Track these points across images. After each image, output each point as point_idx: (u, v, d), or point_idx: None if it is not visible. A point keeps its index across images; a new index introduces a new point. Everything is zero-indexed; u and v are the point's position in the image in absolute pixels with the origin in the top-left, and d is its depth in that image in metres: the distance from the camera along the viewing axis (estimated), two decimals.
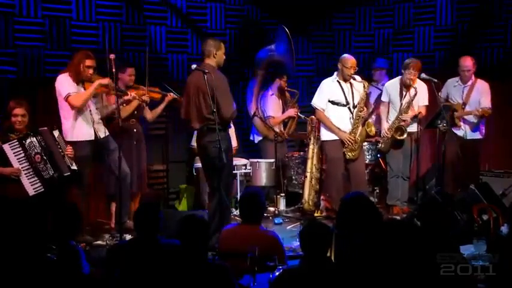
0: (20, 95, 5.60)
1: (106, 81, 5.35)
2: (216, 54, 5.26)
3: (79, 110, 5.38)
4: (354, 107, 6.24)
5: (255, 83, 7.36)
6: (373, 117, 7.03)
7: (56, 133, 5.19)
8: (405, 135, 6.38)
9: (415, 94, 6.30)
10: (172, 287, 3.26)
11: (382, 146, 6.57)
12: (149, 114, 6.27)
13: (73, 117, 5.37)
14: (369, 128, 6.30)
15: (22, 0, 6.09)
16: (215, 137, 4.99)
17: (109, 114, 5.74)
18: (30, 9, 6.15)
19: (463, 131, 6.51)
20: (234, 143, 7.30)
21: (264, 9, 7.92)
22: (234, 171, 6.75)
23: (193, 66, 5.18)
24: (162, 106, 6.21)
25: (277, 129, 7.11)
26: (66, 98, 5.31)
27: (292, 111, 7.19)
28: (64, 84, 5.34)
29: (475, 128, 6.52)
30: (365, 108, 6.32)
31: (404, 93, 6.43)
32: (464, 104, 6.49)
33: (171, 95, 6.13)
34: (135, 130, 6.03)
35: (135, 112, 6.04)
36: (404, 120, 6.39)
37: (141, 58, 6.90)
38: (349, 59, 6.18)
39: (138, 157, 6.08)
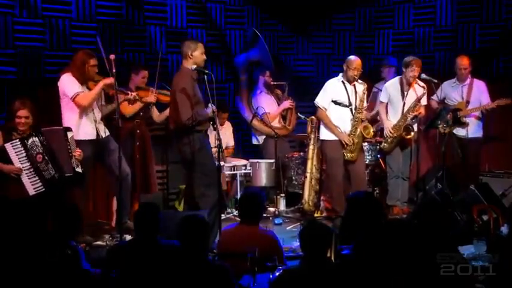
0: (20, 96, 5.60)
1: (110, 80, 5.33)
2: (191, 55, 5.27)
3: (84, 109, 5.38)
4: (356, 108, 6.24)
5: (242, 88, 7.38)
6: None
7: (69, 134, 5.20)
8: (412, 134, 6.38)
9: (424, 93, 6.31)
10: (172, 287, 3.26)
11: (386, 146, 6.55)
12: (157, 116, 6.24)
13: (78, 116, 5.37)
14: (366, 131, 6.27)
15: (22, 0, 6.09)
16: (189, 139, 5.20)
17: (108, 114, 5.74)
18: (31, 9, 6.15)
19: (465, 130, 6.52)
20: (231, 142, 7.31)
21: (264, 9, 7.92)
22: (233, 172, 6.79)
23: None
24: None
25: (277, 125, 7.10)
26: (74, 98, 5.30)
27: (286, 103, 7.19)
28: (69, 84, 5.33)
29: (476, 126, 6.54)
30: (364, 111, 6.31)
31: (406, 92, 6.43)
32: (468, 102, 6.51)
33: None
34: (138, 131, 6.00)
35: (141, 113, 6.02)
36: (414, 116, 6.38)
37: (141, 58, 6.91)
38: (354, 61, 6.15)
39: (144, 158, 6.03)
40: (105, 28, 6.66)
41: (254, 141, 7.40)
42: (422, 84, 6.36)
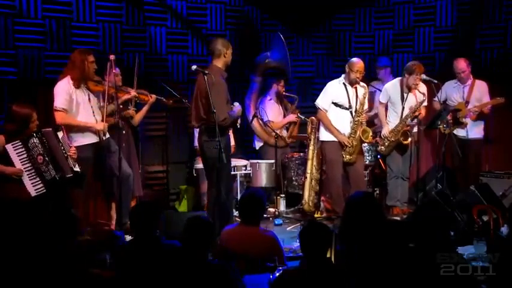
0: (20, 96, 5.59)
1: (100, 126, 5.38)
2: (226, 54, 5.29)
3: (83, 115, 5.39)
4: (356, 111, 6.24)
5: (253, 90, 7.38)
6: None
7: (60, 134, 5.18)
8: (409, 140, 6.38)
9: (424, 100, 6.30)
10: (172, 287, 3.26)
11: (383, 149, 6.54)
12: (135, 116, 6.22)
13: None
14: (365, 135, 6.25)
15: (22, 1, 6.09)
16: (213, 136, 5.05)
17: (109, 114, 5.74)
18: (31, 9, 6.15)
19: (465, 131, 6.51)
20: (232, 141, 7.30)
21: (264, 10, 7.93)
22: (233, 172, 6.79)
23: (194, 67, 5.20)
24: (146, 108, 6.18)
25: (278, 132, 7.09)
26: (54, 110, 5.29)
27: (293, 117, 7.21)
28: (59, 94, 5.30)
29: (477, 127, 6.54)
30: (364, 114, 6.30)
31: (405, 95, 6.42)
32: (467, 102, 6.51)
33: (153, 97, 6.08)
34: (124, 132, 5.95)
35: (123, 113, 6.01)
36: (408, 125, 6.38)
37: (141, 59, 6.91)
38: (356, 63, 6.13)
39: (128, 160, 5.96)
40: (105, 28, 6.66)
41: (253, 145, 7.41)
42: (423, 90, 6.32)
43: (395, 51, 7.84)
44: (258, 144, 7.33)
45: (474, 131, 6.55)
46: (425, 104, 6.45)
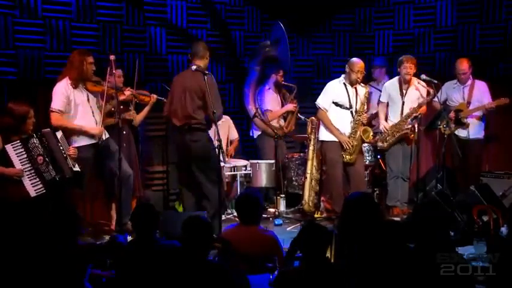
0: (20, 96, 5.58)
1: (97, 130, 5.40)
2: (207, 57, 5.50)
3: (82, 115, 5.40)
4: (357, 111, 6.23)
5: (252, 78, 7.37)
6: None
7: (59, 134, 5.17)
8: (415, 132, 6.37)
9: (434, 95, 6.28)
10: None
11: (381, 144, 6.52)
12: (135, 117, 6.23)
13: (78, 122, 5.37)
14: (365, 134, 6.26)
15: (22, 1, 6.09)
16: (200, 136, 5.35)
17: (107, 114, 5.74)
18: (31, 9, 6.15)
19: (466, 131, 6.51)
20: (235, 134, 7.29)
21: (264, 10, 7.93)
22: (233, 172, 6.80)
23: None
24: (147, 108, 6.19)
25: (275, 124, 7.09)
26: (51, 111, 5.29)
27: (290, 106, 7.19)
28: (57, 95, 5.30)
29: (477, 127, 6.54)
30: (364, 114, 6.30)
31: (404, 91, 6.43)
32: (469, 102, 6.51)
33: (154, 97, 6.08)
34: (124, 132, 5.94)
35: (123, 115, 5.99)
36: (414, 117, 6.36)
37: (141, 58, 6.91)
38: (356, 63, 6.13)
39: (129, 160, 5.94)
40: (105, 28, 6.66)
41: (250, 133, 7.42)
42: (424, 84, 6.34)
43: (395, 51, 7.84)
44: (255, 133, 7.31)
45: (475, 131, 6.54)
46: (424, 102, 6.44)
